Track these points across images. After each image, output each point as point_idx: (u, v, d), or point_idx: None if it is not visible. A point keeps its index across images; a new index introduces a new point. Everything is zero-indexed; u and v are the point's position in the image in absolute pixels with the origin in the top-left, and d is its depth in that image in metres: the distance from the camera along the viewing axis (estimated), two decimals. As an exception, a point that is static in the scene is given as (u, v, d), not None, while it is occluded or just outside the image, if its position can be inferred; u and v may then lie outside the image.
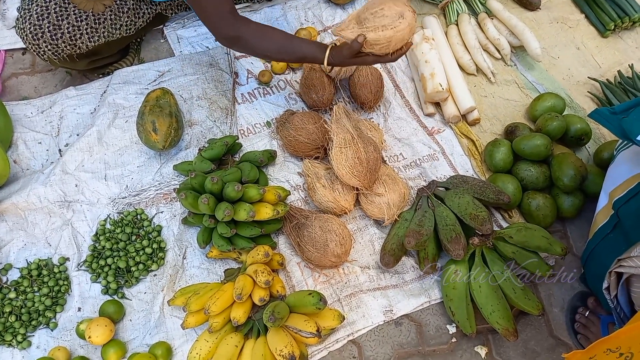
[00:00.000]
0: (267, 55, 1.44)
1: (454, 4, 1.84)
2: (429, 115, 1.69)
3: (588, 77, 1.75)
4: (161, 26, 1.84)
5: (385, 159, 1.62)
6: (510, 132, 1.61)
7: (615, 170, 1.34)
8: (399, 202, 1.46)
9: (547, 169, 1.52)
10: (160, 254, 1.46)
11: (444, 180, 1.57)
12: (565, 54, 1.81)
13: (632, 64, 1.76)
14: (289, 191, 1.50)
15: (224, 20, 1.35)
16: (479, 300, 1.33)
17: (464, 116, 1.67)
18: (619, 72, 1.75)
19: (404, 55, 1.77)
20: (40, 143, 1.64)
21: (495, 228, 1.50)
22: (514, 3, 1.91)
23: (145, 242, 1.46)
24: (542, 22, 1.87)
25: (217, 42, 1.43)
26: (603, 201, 1.34)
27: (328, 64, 1.39)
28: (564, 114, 1.63)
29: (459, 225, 1.40)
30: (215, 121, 1.66)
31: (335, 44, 1.40)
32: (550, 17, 1.88)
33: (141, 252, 1.45)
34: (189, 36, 1.82)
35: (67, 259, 1.46)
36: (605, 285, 1.24)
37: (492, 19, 1.81)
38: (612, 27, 1.80)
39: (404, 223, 1.45)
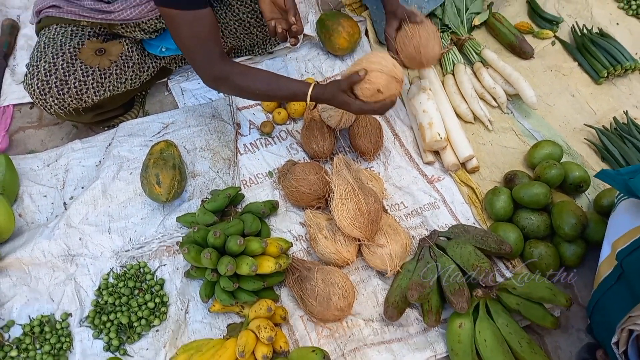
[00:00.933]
0: (254, 94, 1.48)
1: (450, 54, 1.89)
2: (429, 163, 1.71)
3: (584, 124, 1.78)
4: (165, 79, 1.89)
5: (386, 207, 1.64)
6: (510, 180, 1.63)
7: (617, 219, 1.35)
8: (401, 253, 1.47)
9: (547, 217, 1.53)
10: (163, 309, 1.45)
11: (446, 229, 1.58)
12: (561, 101, 1.84)
13: (626, 111, 1.79)
14: (291, 243, 1.51)
15: (211, 62, 1.39)
16: (485, 354, 1.31)
17: (463, 164, 1.70)
18: (614, 118, 1.78)
19: (402, 105, 1.82)
20: (45, 196, 1.66)
21: (499, 278, 1.50)
22: (508, 52, 1.96)
23: (147, 297, 1.46)
24: (536, 70, 1.91)
25: (205, 84, 1.47)
26: (606, 251, 1.34)
27: (311, 99, 1.44)
28: (562, 161, 1.65)
29: (462, 276, 1.40)
30: (218, 172, 1.69)
31: (319, 82, 1.47)
32: (544, 65, 1.93)
33: (143, 307, 1.44)
34: (193, 88, 1.87)
35: (70, 314, 1.46)
36: (614, 339, 1.23)
37: (487, 68, 1.86)
38: (605, 74, 1.84)
39: (407, 274, 1.45)
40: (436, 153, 1.73)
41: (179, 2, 1.30)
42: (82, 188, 1.66)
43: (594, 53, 1.88)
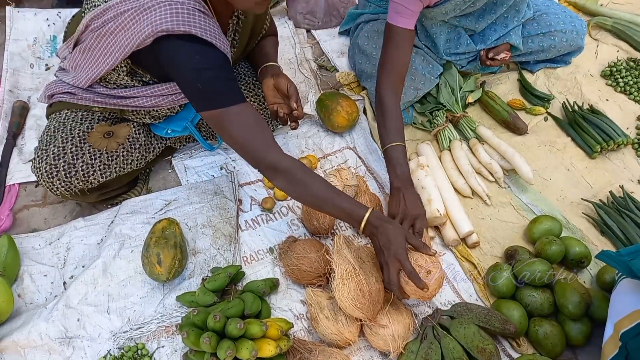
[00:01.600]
0: (309, 194, 1.40)
1: (446, 131, 1.95)
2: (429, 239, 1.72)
3: (581, 198, 1.81)
4: (169, 157, 1.94)
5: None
6: (510, 256, 1.63)
7: (618, 300, 1.33)
8: (404, 333, 1.44)
9: (550, 294, 1.52)
10: (160, 393, 1.41)
11: (448, 306, 1.56)
12: (557, 176, 1.88)
13: (622, 185, 1.82)
14: (292, 324, 1.49)
15: (268, 147, 1.38)
16: None
17: (463, 240, 1.70)
18: (610, 192, 1.80)
19: None
20: (45, 275, 1.65)
21: (504, 358, 1.46)
22: (503, 128, 2.02)
23: (144, 381, 1.42)
24: (531, 145, 1.97)
25: (261, 172, 1.43)
26: (609, 331, 1.32)
27: (365, 226, 1.38)
28: (561, 235, 1.66)
29: (466, 358, 1.37)
30: (219, 249, 1.69)
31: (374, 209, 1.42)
32: (538, 140, 1.98)
33: (140, 392, 1.40)
34: (196, 166, 1.92)
35: (63, 400, 1.41)
36: None
37: (483, 144, 1.91)
38: (599, 149, 1.89)
39: (410, 355, 1.42)
40: (436, 228, 1.74)
41: (223, 100, 1.35)
42: (83, 267, 1.65)
43: (586, 129, 1.94)
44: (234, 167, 1.91)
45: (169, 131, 1.77)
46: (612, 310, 1.35)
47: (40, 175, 1.58)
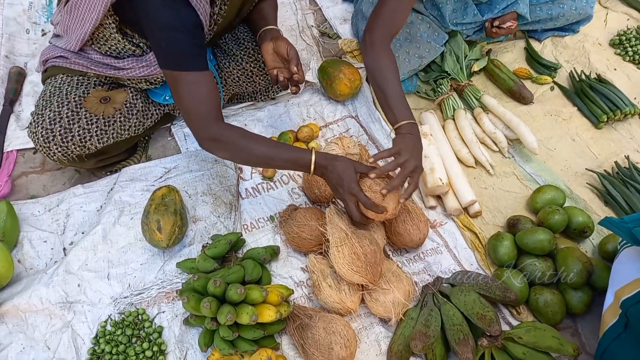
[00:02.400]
0: (253, 157, 1.42)
1: (450, 100, 1.91)
2: (431, 208, 1.71)
3: (586, 169, 1.78)
4: (169, 124, 1.92)
5: (388, 253, 1.62)
6: (513, 226, 1.62)
7: (620, 268, 1.33)
8: (404, 300, 1.44)
9: (552, 263, 1.51)
10: (161, 357, 1.42)
11: (449, 275, 1.55)
12: (562, 146, 1.85)
13: (628, 155, 1.79)
14: (292, 290, 1.49)
15: (208, 122, 1.38)
16: (492, 407, 1.27)
17: (465, 209, 1.69)
18: (615, 163, 1.78)
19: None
20: (45, 242, 1.65)
21: (505, 326, 1.46)
22: (508, 97, 1.99)
23: (145, 345, 1.42)
24: (536, 115, 1.93)
25: (201, 146, 1.44)
26: (609, 299, 1.32)
27: (315, 167, 1.40)
28: (564, 206, 1.64)
29: (466, 325, 1.37)
30: (219, 217, 1.68)
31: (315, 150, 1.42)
32: (543, 110, 1.95)
33: (141, 356, 1.41)
34: (196, 133, 1.89)
35: (65, 364, 1.42)
36: None
37: (488, 113, 1.88)
38: (605, 119, 1.86)
39: (410, 322, 1.42)
40: (438, 198, 1.72)
41: (182, 64, 1.34)
42: (83, 233, 1.65)
43: (592, 98, 1.90)
44: (234, 135, 1.89)
45: (167, 97, 1.74)
46: (613, 278, 1.34)
47: (36, 140, 1.56)
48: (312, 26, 2.24)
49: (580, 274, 1.44)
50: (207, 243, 1.60)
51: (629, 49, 2.09)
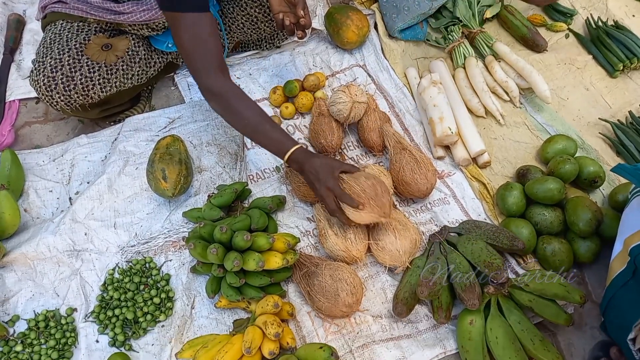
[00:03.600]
0: (241, 121, 1.41)
1: (461, 48, 1.85)
2: (439, 158, 1.68)
3: (599, 118, 1.74)
4: (172, 74, 1.87)
5: (395, 203, 1.61)
6: (522, 175, 1.59)
7: (630, 216, 1.31)
8: (410, 249, 1.44)
9: (561, 213, 1.50)
10: (169, 304, 1.44)
11: (456, 225, 1.54)
12: (575, 95, 1.80)
13: (642, 105, 1.75)
14: (299, 238, 1.48)
15: (209, 70, 1.35)
16: (496, 352, 1.28)
17: (474, 159, 1.66)
18: (630, 112, 1.73)
19: (412, 99, 1.79)
20: (51, 191, 1.65)
21: (511, 274, 1.46)
22: (521, 45, 1.92)
23: (153, 292, 1.44)
24: (550, 63, 1.87)
25: (201, 93, 1.42)
26: (618, 247, 1.31)
27: (287, 161, 1.38)
28: (576, 155, 1.61)
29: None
30: (224, 167, 1.67)
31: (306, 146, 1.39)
32: (557, 58, 1.88)
33: (149, 302, 1.43)
34: (200, 83, 1.85)
35: (75, 309, 1.44)
36: (631, 336, 1.20)
37: (500, 61, 1.82)
38: (621, 67, 1.80)
39: (417, 270, 1.42)
40: (447, 148, 1.69)
41: (181, 4, 1.29)
42: (88, 183, 1.64)
43: (609, 46, 1.84)
44: (240, 85, 1.85)
45: (169, 45, 1.70)
46: (623, 226, 1.32)
47: (38, 89, 1.53)
48: (319, -29, 2.15)
49: (589, 223, 1.42)
50: (212, 193, 1.59)
51: (650, -6, 2.00)
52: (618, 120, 1.73)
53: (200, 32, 1.32)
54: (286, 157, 1.38)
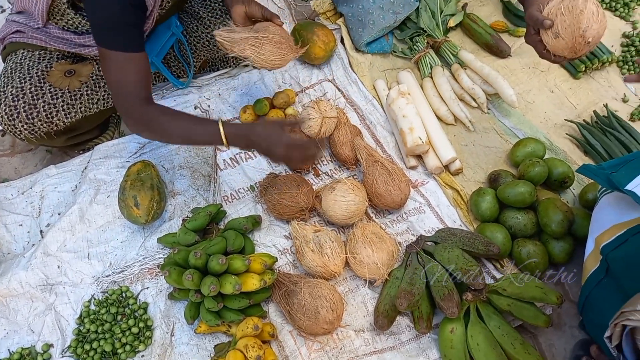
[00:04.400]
0: (170, 137, 1.41)
1: (427, 58, 1.88)
2: (412, 168, 1.70)
3: (565, 119, 1.78)
4: (140, 98, 1.86)
5: (371, 215, 1.61)
6: (494, 180, 1.61)
7: (600, 214, 1.33)
8: (388, 261, 1.44)
9: (534, 215, 1.52)
10: (147, 333, 1.41)
11: (432, 233, 1.55)
12: (540, 98, 1.84)
13: (606, 104, 1.78)
14: (276, 257, 1.48)
15: (133, 105, 1.34)
16: (478, 358, 1.29)
17: (446, 167, 1.68)
18: (594, 112, 1.77)
19: (382, 111, 1.80)
20: (21, 225, 1.61)
21: (489, 280, 1.47)
22: (486, 52, 1.96)
23: (131, 322, 1.41)
24: (514, 68, 1.91)
25: (130, 130, 1.43)
26: (590, 246, 1.33)
27: (228, 143, 1.35)
28: (545, 157, 1.64)
29: (450, 281, 1.38)
30: (198, 189, 1.65)
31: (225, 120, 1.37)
32: (521, 63, 1.92)
33: (127, 333, 1.40)
34: (169, 106, 1.83)
35: (51, 345, 1.41)
36: (607, 334, 1.21)
37: (465, 69, 1.85)
38: (583, 68, 1.84)
39: (395, 282, 1.43)
40: (419, 157, 1.71)
41: (115, 43, 1.29)
42: (59, 214, 1.61)
43: (569, 48, 1.88)
44: (209, 106, 1.84)
45: (135, 69, 1.68)
46: (594, 225, 1.35)
47: (1, 119, 1.51)
48: (283, -12, 2.17)
49: (561, 224, 1.44)
50: (187, 216, 1.57)
51: (606, -4, 2.06)
52: (584, 120, 1.77)
53: (129, 72, 1.31)
54: (225, 142, 1.34)
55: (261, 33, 1.46)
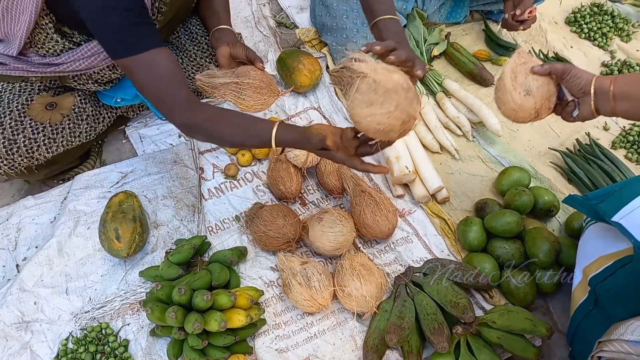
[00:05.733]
0: (223, 142, 1.38)
1: (412, 86, 1.89)
2: (399, 197, 1.69)
3: (549, 148, 1.79)
4: (123, 126, 1.83)
5: (359, 245, 1.59)
6: (481, 209, 1.61)
7: (586, 245, 1.34)
8: (376, 293, 1.42)
9: (521, 244, 1.52)
10: (128, 372, 1.36)
11: (420, 263, 1.54)
12: (524, 127, 1.85)
13: (588, 132, 1.81)
14: (262, 291, 1.44)
15: (177, 104, 1.28)
16: (470, 394, 1.27)
17: (433, 195, 1.67)
18: (577, 140, 1.80)
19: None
20: (-5, 259, 1.55)
21: (478, 311, 1.46)
22: (469, 80, 1.98)
23: (111, 361, 1.36)
24: (498, 96, 1.93)
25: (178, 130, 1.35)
26: (578, 277, 1.33)
27: (277, 144, 1.26)
28: (530, 186, 1.65)
29: (440, 313, 1.36)
30: (182, 220, 1.62)
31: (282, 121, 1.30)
32: (504, 91, 1.94)
33: (107, 372, 1.35)
34: (152, 134, 1.81)
35: (26, 387, 1.34)
36: None
37: (450, 97, 1.86)
38: (564, 97, 1.87)
39: (385, 315, 1.40)
40: (405, 186, 1.70)
41: (131, 47, 1.24)
42: (36, 248, 1.56)
43: (551, 77, 1.91)
44: (194, 134, 1.82)
45: (118, 100, 1.65)
46: (581, 255, 1.35)
47: (-22, 154, 1.46)
48: (268, 16, 2.17)
49: (549, 254, 1.44)
50: (170, 249, 1.53)
51: (584, 26, 2.11)
52: (567, 148, 1.79)
53: (160, 69, 1.26)
54: (274, 146, 1.26)
55: (242, 78, 1.45)
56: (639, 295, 1.12)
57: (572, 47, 2.08)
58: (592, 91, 1.13)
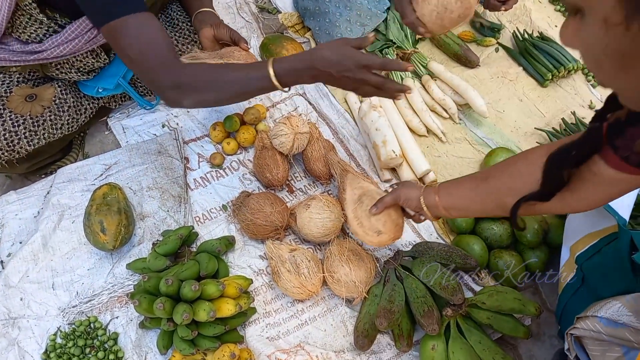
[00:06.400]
0: (220, 97, 1.28)
1: (397, 69, 1.87)
2: (386, 181, 1.68)
3: (535, 128, 1.79)
4: (105, 118, 1.79)
5: (347, 230, 1.59)
6: (468, 191, 1.61)
7: (573, 223, 1.34)
8: (366, 278, 1.41)
9: (509, 225, 1.52)
10: (118, 365, 1.35)
11: (409, 247, 1.54)
12: (510, 107, 1.85)
13: (574, 111, 1.81)
14: (251, 280, 1.44)
15: (168, 65, 1.23)
16: (460, 375, 1.27)
17: (421, 179, 1.67)
18: (562, 119, 1.80)
19: (355, 124, 1.78)
20: (-21, 256, 1.53)
21: (467, 292, 1.47)
22: (455, 62, 1.96)
23: (100, 354, 1.35)
24: (484, 78, 1.92)
25: (166, 101, 1.30)
26: (565, 255, 1.34)
27: (279, 81, 1.19)
28: (517, 166, 1.64)
29: (430, 296, 1.36)
30: (168, 211, 1.60)
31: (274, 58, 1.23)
32: (490, 72, 1.94)
33: (97, 366, 1.34)
34: (135, 125, 1.78)
35: (15, 384, 1.33)
36: (565, 347, 1.21)
37: (436, 80, 1.85)
38: (550, 77, 1.87)
39: (374, 299, 1.40)
40: (393, 170, 1.70)
41: (115, 10, 1.20)
42: (20, 243, 1.53)
43: (537, 57, 1.90)
44: (177, 124, 1.79)
45: (99, 90, 1.62)
46: (567, 234, 1.36)
47: (-44, 148, 1.42)
48: (250, 2, 2.14)
49: (537, 233, 1.45)
50: (157, 240, 1.52)
51: (568, 4, 2.09)
52: (553, 128, 1.79)
53: (145, 32, 1.22)
54: (278, 85, 1.21)
55: (226, 59, 1.42)
56: (624, 273, 1.12)
57: (556, 26, 2.07)
58: (424, 208, 1.26)
